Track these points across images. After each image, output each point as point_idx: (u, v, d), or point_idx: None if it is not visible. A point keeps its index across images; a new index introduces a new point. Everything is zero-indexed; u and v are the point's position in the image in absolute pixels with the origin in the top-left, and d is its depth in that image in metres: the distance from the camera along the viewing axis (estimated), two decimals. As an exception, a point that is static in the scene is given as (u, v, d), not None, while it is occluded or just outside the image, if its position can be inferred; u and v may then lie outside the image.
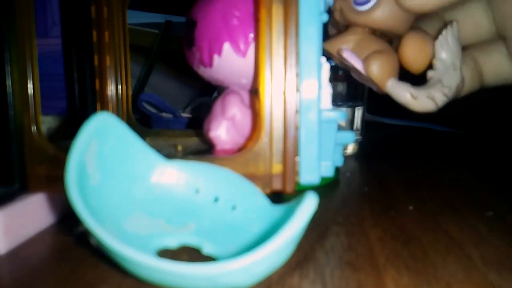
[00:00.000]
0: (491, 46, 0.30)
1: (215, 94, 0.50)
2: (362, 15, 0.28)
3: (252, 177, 0.22)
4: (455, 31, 0.28)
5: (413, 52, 0.28)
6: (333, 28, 0.32)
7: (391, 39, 0.30)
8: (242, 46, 0.26)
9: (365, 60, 0.28)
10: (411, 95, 0.27)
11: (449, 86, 0.27)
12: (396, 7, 0.27)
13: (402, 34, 0.28)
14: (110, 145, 0.20)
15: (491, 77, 0.30)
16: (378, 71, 0.27)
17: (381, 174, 0.37)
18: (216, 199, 0.22)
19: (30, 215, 0.23)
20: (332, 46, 0.29)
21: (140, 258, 0.15)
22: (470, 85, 0.30)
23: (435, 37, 0.27)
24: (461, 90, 0.29)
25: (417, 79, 0.29)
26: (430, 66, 0.28)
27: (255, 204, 0.21)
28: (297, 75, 0.22)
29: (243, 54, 0.26)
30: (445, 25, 0.28)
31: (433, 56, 0.27)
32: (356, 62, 0.28)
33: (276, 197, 0.22)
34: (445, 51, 0.27)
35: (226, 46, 0.26)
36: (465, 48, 0.30)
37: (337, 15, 0.30)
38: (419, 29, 0.29)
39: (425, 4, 0.26)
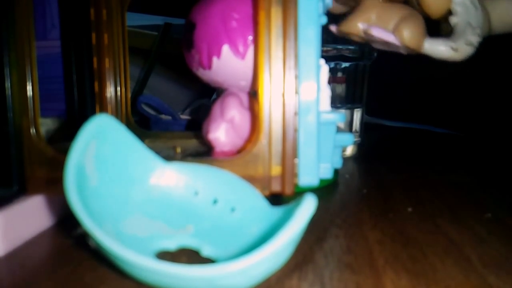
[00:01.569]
0: None
1: (214, 96, 0.50)
2: None
3: (251, 179, 0.22)
4: None
5: None
6: (339, 3, 0.31)
7: None
8: (241, 48, 0.26)
9: (396, 32, 0.28)
10: (452, 48, 0.27)
11: (478, 26, 0.27)
12: None
13: None
14: (109, 147, 0.20)
15: (498, 25, 0.30)
16: (411, 38, 0.28)
17: (380, 176, 0.37)
18: (215, 201, 0.22)
19: (28, 217, 0.23)
20: (351, 27, 0.29)
21: (139, 260, 0.15)
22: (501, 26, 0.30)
23: None
24: (487, 29, 0.29)
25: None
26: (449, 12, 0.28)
27: (254, 206, 0.21)
28: (296, 77, 0.22)
29: (242, 56, 0.26)
30: None
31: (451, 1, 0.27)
32: (387, 36, 0.28)
33: (275, 199, 0.22)
34: None
35: (225, 48, 0.26)
36: None
37: None
38: None
39: None
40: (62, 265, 0.20)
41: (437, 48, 0.28)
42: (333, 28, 0.31)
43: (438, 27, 0.30)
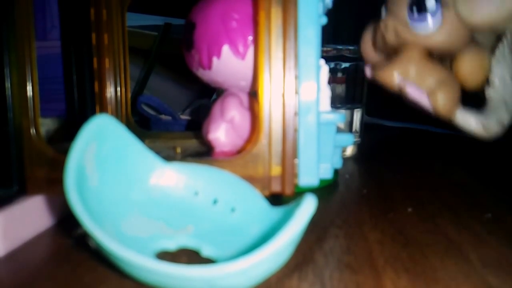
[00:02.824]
0: None
1: (214, 96, 0.50)
2: (423, 37, 0.26)
3: (251, 179, 0.22)
4: (511, 44, 0.26)
5: (470, 69, 0.26)
6: (377, 51, 0.30)
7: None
8: (241, 49, 0.26)
9: (431, 95, 0.26)
10: (483, 125, 0.27)
11: None
12: (459, 25, 0.25)
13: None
14: (109, 147, 0.20)
15: None
16: (445, 105, 0.26)
17: (380, 176, 0.37)
18: (215, 201, 0.22)
19: (28, 217, 0.23)
20: (388, 76, 0.27)
21: (139, 261, 0.15)
22: None
23: (491, 51, 0.26)
24: None
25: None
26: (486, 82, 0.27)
27: (254, 206, 0.21)
28: (296, 77, 0.22)
29: (242, 56, 0.26)
30: (499, 37, 0.26)
31: (490, 71, 0.26)
32: (420, 98, 0.27)
33: (275, 199, 0.22)
34: (503, 66, 0.26)
35: (225, 49, 0.26)
36: None
37: (390, 37, 0.27)
38: (474, 44, 0.27)
39: (492, 18, 0.24)
40: (62, 265, 0.20)
41: (468, 122, 0.27)
42: (368, 72, 0.29)
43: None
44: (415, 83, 0.27)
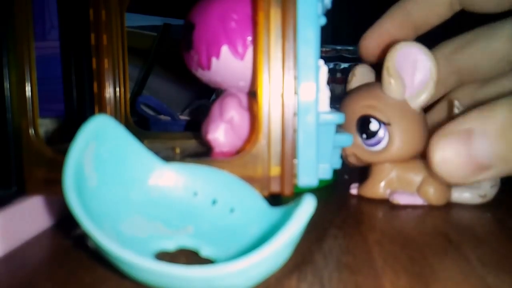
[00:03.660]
0: None
1: (213, 97, 0.50)
2: (379, 154, 0.29)
3: (250, 180, 0.22)
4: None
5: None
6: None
7: None
8: (240, 49, 0.26)
9: (421, 194, 0.28)
10: (479, 195, 0.28)
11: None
12: (409, 136, 0.28)
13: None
14: (108, 148, 0.20)
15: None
16: (438, 196, 0.28)
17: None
18: (214, 202, 0.22)
19: (27, 218, 0.23)
20: (374, 193, 0.30)
21: (138, 261, 0.15)
22: None
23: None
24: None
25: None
26: None
27: (253, 206, 0.21)
28: (295, 77, 0.22)
29: (241, 57, 0.26)
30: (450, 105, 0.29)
31: None
32: (413, 200, 0.29)
33: (274, 199, 0.22)
34: None
35: (224, 49, 0.26)
36: None
37: (352, 160, 0.30)
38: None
39: (465, 180, 0.24)
40: (61, 266, 0.20)
41: (465, 197, 0.29)
42: (353, 191, 0.32)
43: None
44: (400, 188, 0.29)
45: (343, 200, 0.31)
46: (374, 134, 0.28)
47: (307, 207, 0.17)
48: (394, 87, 0.28)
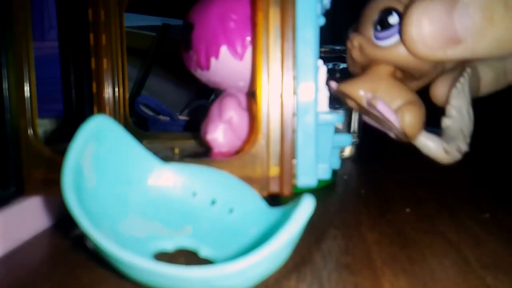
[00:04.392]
0: None
1: (212, 97, 0.50)
2: (386, 50, 0.26)
3: (249, 180, 0.22)
4: (468, 79, 0.27)
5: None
6: (349, 66, 0.30)
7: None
8: (239, 49, 0.26)
9: (399, 112, 0.27)
10: (444, 149, 0.27)
11: (469, 135, 0.27)
12: None
13: (428, 74, 0.27)
14: (107, 148, 0.20)
15: (487, 88, 0.29)
16: (411, 124, 0.27)
17: (378, 177, 0.37)
18: (213, 202, 0.22)
19: (26, 218, 0.23)
20: (354, 89, 0.28)
21: (136, 261, 0.15)
22: (494, 85, 0.29)
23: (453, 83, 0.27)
24: (476, 93, 0.28)
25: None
26: None
27: (252, 207, 0.21)
28: (294, 78, 0.22)
29: (240, 57, 0.26)
30: (461, 72, 0.27)
31: (448, 102, 0.26)
32: (389, 114, 0.27)
33: (273, 199, 0.22)
34: (461, 99, 0.26)
35: (223, 49, 0.26)
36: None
37: (355, 53, 0.28)
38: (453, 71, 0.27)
39: (436, 52, 0.24)
40: (60, 266, 0.20)
41: (430, 145, 0.27)
42: (333, 84, 0.29)
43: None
44: (384, 100, 0.27)
45: (342, 200, 0.31)
46: (389, 26, 0.26)
47: (306, 207, 0.17)
48: None
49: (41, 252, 0.22)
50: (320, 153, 0.23)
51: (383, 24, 0.26)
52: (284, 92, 0.22)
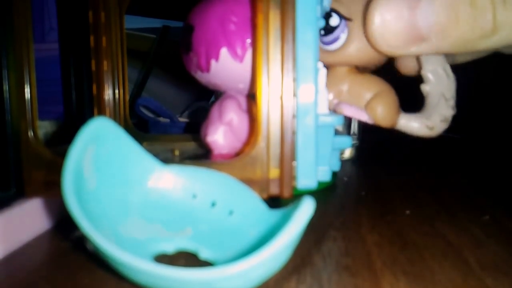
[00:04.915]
0: None
1: (212, 99, 0.50)
2: (335, 54, 0.27)
3: (249, 182, 0.22)
4: None
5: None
6: None
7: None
8: (239, 51, 0.26)
9: (368, 109, 0.27)
10: (427, 126, 0.26)
11: (452, 97, 0.26)
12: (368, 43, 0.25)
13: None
14: (107, 150, 0.20)
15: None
16: (385, 116, 0.26)
17: (378, 179, 0.37)
18: (213, 204, 0.22)
19: (26, 220, 0.23)
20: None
21: (137, 263, 0.15)
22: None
23: None
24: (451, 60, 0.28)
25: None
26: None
27: (252, 208, 0.21)
28: (294, 80, 0.22)
29: (240, 59, 0.26)
30: None
31: (421, 69, 0.26)
32: (359, 115, 0.27)
33: (273, 201, 0.22)
34: (433, 61, 0.26)
35: (224, 51, 0.26)
36: None
37: None
38: None
39: (399, 50, 0.23)
40: (60, 268, 0.20)
41: (412, 126, 0.27)
42: None
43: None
44: (350, 102, 0.27)
45: (342, 202, 0.31)
46: (332, 30, 0.26)
47: (306, 209, 0.17)
48: None
49: (41, 254, 0.22)
50: (320, 155, 0.23)
51: (326, 28, 0.26)
52: (284, 94, 0.22)
